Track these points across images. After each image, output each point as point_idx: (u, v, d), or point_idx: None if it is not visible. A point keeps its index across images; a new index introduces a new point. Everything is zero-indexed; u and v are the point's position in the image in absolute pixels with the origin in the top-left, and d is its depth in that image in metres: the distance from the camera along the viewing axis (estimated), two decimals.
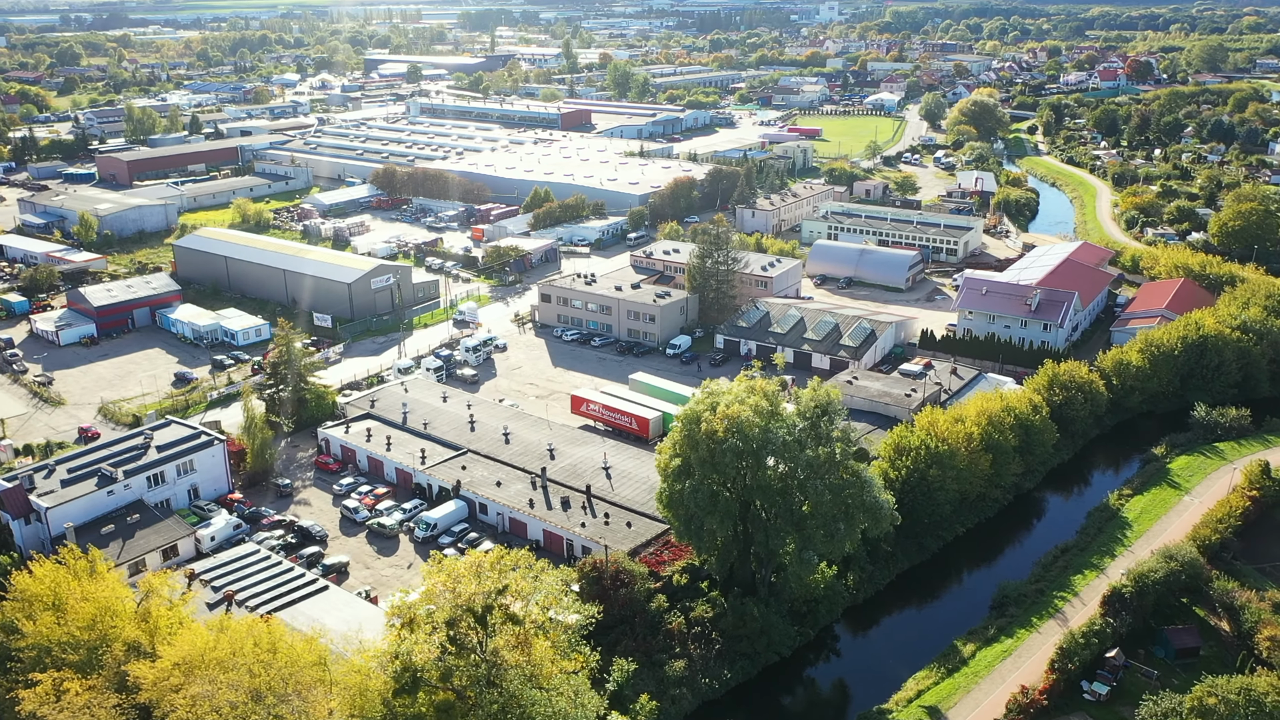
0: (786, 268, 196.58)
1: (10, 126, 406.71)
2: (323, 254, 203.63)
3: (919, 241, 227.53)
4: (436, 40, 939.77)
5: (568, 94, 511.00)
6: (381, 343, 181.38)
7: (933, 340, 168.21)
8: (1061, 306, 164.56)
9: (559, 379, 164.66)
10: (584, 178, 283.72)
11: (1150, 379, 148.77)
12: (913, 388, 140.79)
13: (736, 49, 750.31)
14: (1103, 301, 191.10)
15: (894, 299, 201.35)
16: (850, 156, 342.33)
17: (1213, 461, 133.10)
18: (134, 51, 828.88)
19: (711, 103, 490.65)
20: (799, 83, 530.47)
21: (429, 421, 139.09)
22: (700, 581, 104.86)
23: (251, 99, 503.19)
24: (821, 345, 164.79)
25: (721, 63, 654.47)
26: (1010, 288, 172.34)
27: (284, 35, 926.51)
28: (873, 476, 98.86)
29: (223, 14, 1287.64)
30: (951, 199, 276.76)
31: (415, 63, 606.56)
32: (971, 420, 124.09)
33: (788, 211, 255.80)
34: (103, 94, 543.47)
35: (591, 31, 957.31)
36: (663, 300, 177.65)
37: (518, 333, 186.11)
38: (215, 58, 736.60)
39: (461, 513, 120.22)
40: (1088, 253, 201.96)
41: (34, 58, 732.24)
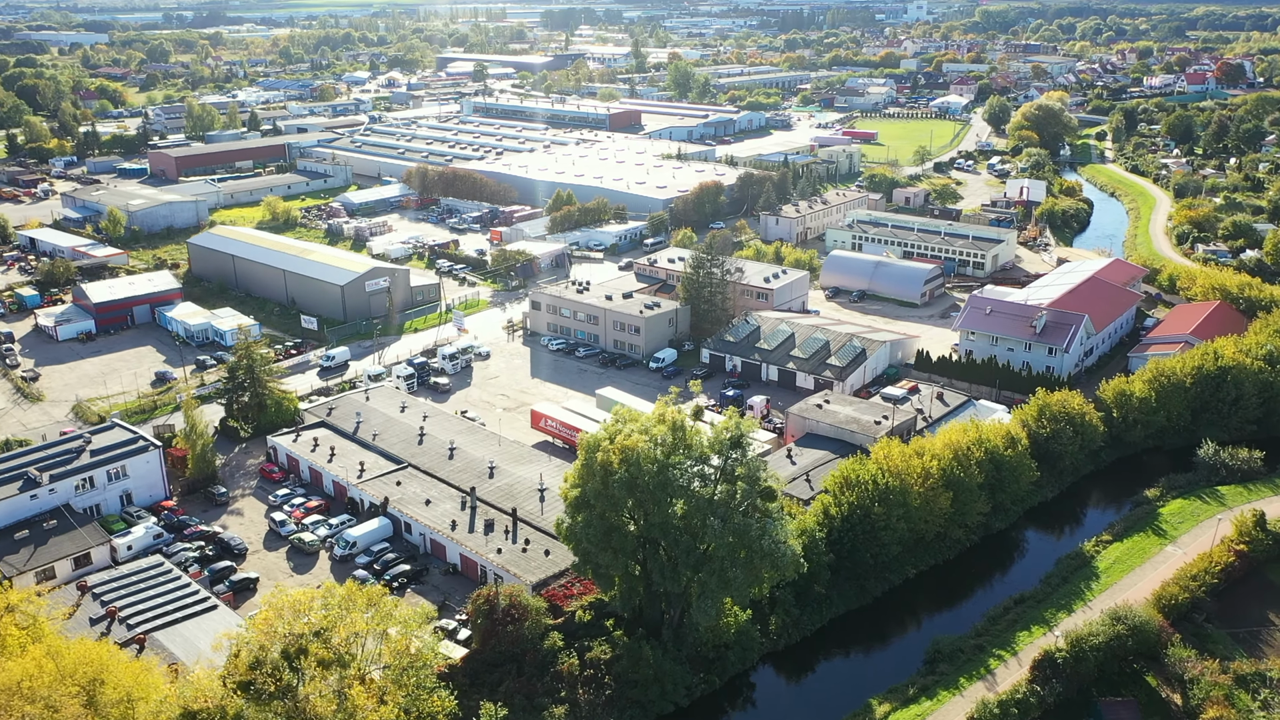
0: (790, 279, 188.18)
1: (80, 122, 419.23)
2: (324, 254, 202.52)
3: (944, 254, 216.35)
4: (515, 39, 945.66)
5: (628, 94, 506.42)
6: (368, 346, 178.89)
7: (928, 361, 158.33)
8: (1069, 330, 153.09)
9: (533, 390, 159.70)
10: (613, 180, 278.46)
11: (1155, 412, 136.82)
12: (885, 414, 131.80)
13: (812, 49, 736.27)
14: (1129, 324, 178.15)
15: (907, 314, 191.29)
16: (899, 162, 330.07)
17: (1210, 507, 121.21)
18: (224, 49, 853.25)
19: (772, 104, 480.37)
20: (865, 84, 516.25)
21: (379, 433, 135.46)
22: (606, 619, 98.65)
23: (316, 96, 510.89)
24: (807, 364, 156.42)
25: (792, 63, 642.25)
26: (1015, 308, 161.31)
27: (368, 34, 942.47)
28: (780, 518, 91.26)
29: (316, 11, 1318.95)
30: (994, 209, 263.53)
31: (482, 61, 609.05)
32: (933, 453, 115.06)
33: (814, 219, 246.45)
34: (180, 90, 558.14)
35: (669, 31, 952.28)
36: (650, 311, 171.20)
37: (506, 340, 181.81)
38: (296, 55, 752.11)
39: (385, 531, 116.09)
40: (1117, 270, 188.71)
41: (126, 54, 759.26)
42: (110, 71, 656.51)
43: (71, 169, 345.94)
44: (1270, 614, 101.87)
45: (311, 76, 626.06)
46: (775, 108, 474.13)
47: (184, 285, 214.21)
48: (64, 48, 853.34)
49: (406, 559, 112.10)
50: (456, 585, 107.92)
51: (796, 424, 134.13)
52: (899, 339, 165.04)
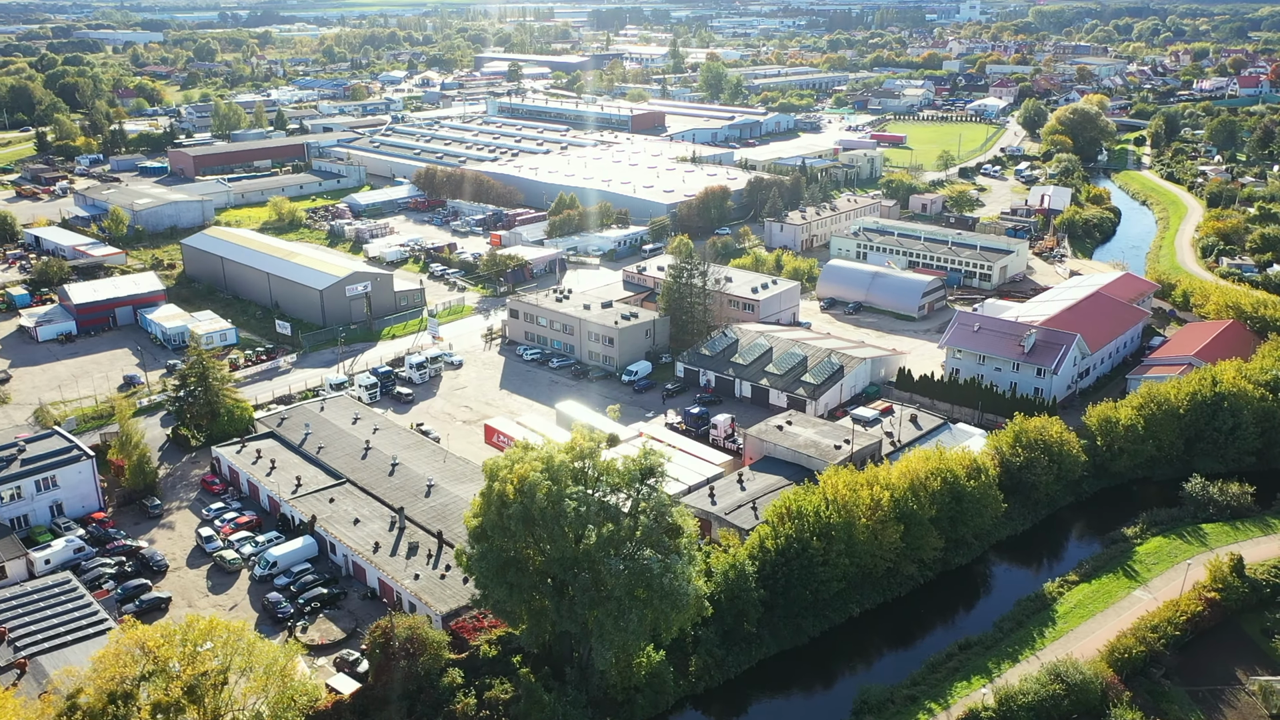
0: (778, 290, 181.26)
1: (112, 120, 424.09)
2: (307, 258, 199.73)
3: (950, 264, 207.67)
4: (559, 38, 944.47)
5: (659, 95, 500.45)
6: (342, 353, 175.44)
7: (909, 380, 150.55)
8: (1058, 350, 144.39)
9: (499, 403, 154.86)
10: (621, 184, 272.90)
11: (1144, 441, 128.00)
12: (846, 438, 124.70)
13: (855, 49, 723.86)
14: (1134, 342, 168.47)
15: (903, 328, 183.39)
16: (923, 167, 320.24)
17: (1190, 547, 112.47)
18: (271, 48, 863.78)
19: (805, 106, 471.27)
20: (902, 86, 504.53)
21: (325, 446, 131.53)
22: (514, 655, 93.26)
23: (348, 95, 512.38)
24: (781, 381, 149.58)
25: (833, 64, 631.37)
26: (1004, 325, 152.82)
27: (414, 33, 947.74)
28: (686, 555, 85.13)
29: (369, 10, 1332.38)
30: (1012, 217, 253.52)
31: (516, 61, 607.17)
32: (886, 482, 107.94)
33: (821, 226, 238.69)
34: (219, 89, 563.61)
35: (713, 31, 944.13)
36: (625, 322, 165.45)
37: (483, 349, 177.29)
38: (339, 54, 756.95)
39: (309, 551, 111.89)
40: (1126, 285, 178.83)
41: (174, 53, 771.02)
42: (156, 70, 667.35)
43: (96, 167, 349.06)
44: (1238, 670, 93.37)
45: (350, 75, 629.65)
46: (807, 110, 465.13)
47: (177, 286, 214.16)
48: (118, 46, 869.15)
49: (327, 581, 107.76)
50: (373, 611, 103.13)
51: (754, 446, 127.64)
52: (882, 355, 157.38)
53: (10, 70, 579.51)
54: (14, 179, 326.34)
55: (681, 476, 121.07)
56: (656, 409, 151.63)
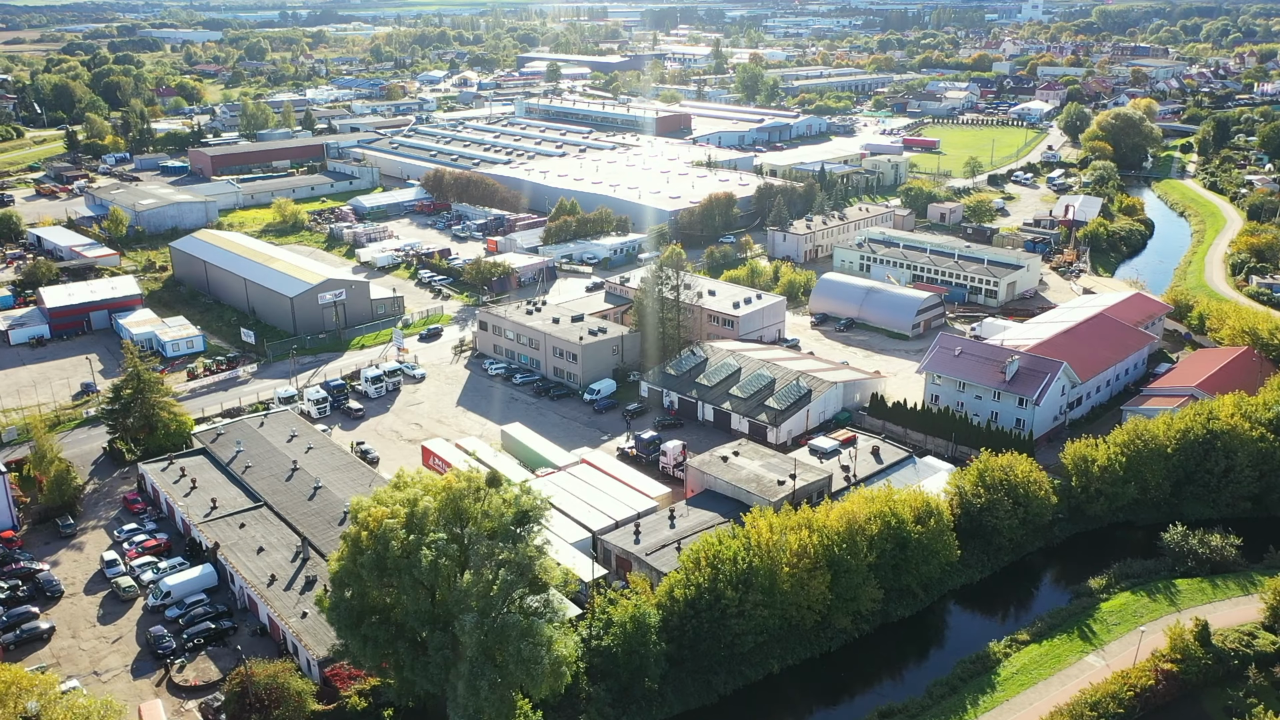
0: (761, 306, 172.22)
1: (147, 119, 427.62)
2: (285, 263, 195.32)
3: (955, 279, 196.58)
4: (609, 38, 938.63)
5: (694, 96, 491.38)
6: (308, 363, 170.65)
7: (883, 407, 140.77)
8: (1041, 379, 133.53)
9: (452, 421, 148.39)
10: (628, 189, 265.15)
11: (1124, 482, 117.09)
12: (794, 472, 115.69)
13: (905, 50, 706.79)
14: (1139, 369, 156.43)
15: (894, 347, 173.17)
16: (952, 174, 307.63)
17: (1158, 606, 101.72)
18: (324, 47, 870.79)
19: (842, 108, 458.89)
20: (944, 88, 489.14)
21: (253, 465, 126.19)
22: (386, 709, 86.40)
23: (383, 95, 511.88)
24: (744, 405, 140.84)
25: (879, 65, 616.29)
26: (986, 350, 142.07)
27: (464, 32, 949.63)
28: (553, 615, 77.45)
29: (428, 10, 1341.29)
30: (1034, 228, 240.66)
31: (555, 61, 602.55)
32: (819, 525, 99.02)
33: (827, 236, 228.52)
34: (261, 88, 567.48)
35: (762, 31, 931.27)
36: (591, 337, 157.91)
37: (450, 361, 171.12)
38: (387, 54, 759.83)
39: (208, 580, 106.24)
40: (1134, 306, 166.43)
41: (226, 51, 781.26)
42: (205, 69, 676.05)
43: (121, 166, 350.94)
44: None
45: (391, 75, 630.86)
46: (844, 112, 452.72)
47: (163, 290, 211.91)
48: (176, 45, 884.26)
49: (218, 615, 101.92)
50: (261, 650, 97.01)
51: (695, 478, 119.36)
52: (858, 379, 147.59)
53: (62, 69, 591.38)
54: (38, 177, 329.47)
55: (611, 510, 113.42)
56: (616, 431, 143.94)
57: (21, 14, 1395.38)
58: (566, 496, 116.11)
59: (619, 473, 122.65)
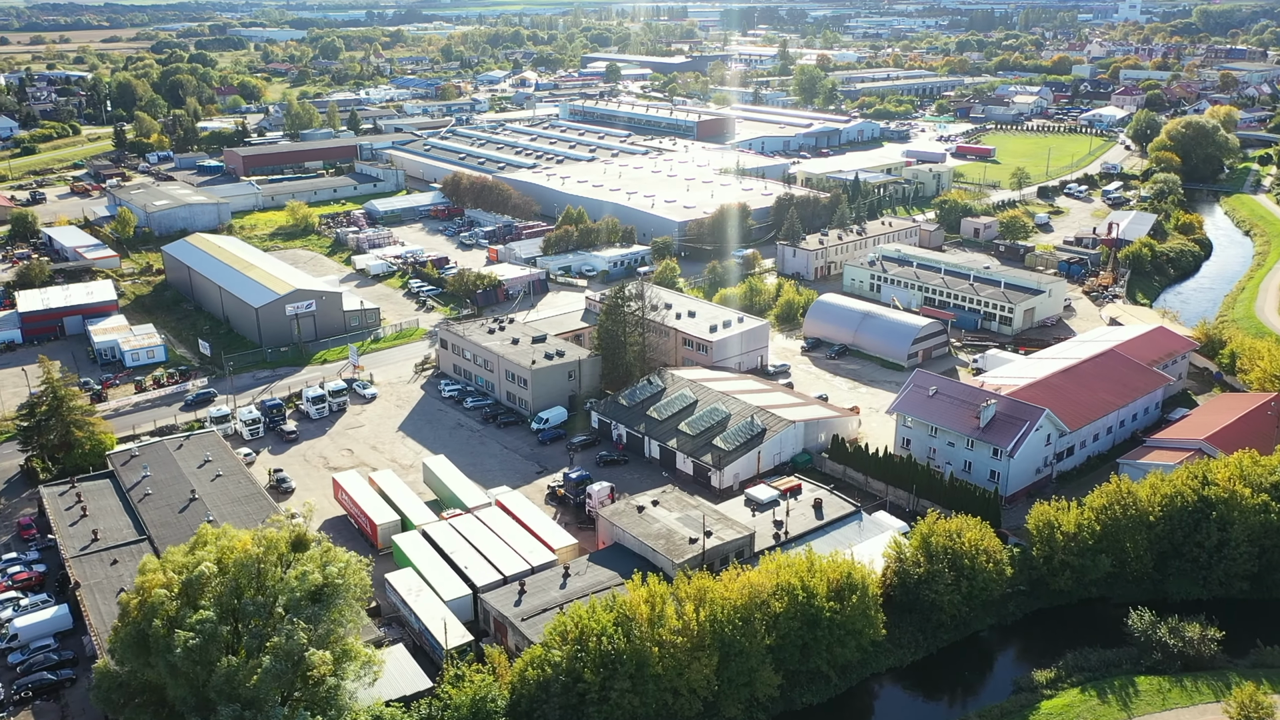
0: (740, 330, 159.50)
1: (200, 116, 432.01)
2: (260, 271, 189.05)
3: (969, 303, 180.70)
4: (685, 38, 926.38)
5: (750, 99, 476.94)
6: (266, 377, 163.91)
7: (842, 450, 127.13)
8: (1019, 428, 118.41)
9: (386, 449, 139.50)
10: (644, 197, 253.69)
11: (1095, 554, 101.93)
12: (709, 529, 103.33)
13: (984, 52, 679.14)
14: (1152, 413, 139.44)
15: (885, 378, 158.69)
16: (1000, 184, 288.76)
17: (1108, 710, 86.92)
18: (401, 46, 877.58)
19: (902, 113, 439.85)
20: (1014, 92, 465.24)
21: (153, 493, 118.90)
22: None
23: (438, 96, 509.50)
24: (691, 443, 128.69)
25: (952, 67, 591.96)
26: (963, 391, 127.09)
27: (539, 32, 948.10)
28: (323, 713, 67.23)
29: (511, 10, 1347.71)
30: (1073, 247, 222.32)
31: (615, 61, 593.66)
32: (714, 598, 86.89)
33: (841, 252, 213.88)
34: (323, 87, 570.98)
35: (838, 32, 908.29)
36: (546, 361, 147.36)
37: (408, 380, 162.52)
38: (457, 53, 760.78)
39: (61, 623, 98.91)
40: (1153, 342, 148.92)
41: (301, 50, 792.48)
42: (277, 67, 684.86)
43: (163, 164, 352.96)
44: None
45: (455, 75, 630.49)
46: (904, 117, 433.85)
47: (153, 294, 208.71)
48: (260, 43, 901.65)
49: (61, 663, 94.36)
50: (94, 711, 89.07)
51: (605, 530, 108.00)
52: (827, 417, 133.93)
53: (137, 67, 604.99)
54: (77, 175, 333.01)
55: (504, 563, 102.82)
56: (557, 465, 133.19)
57: (128, 13, 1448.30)
58: (461, 545, 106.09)
59: (530, 518, 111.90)
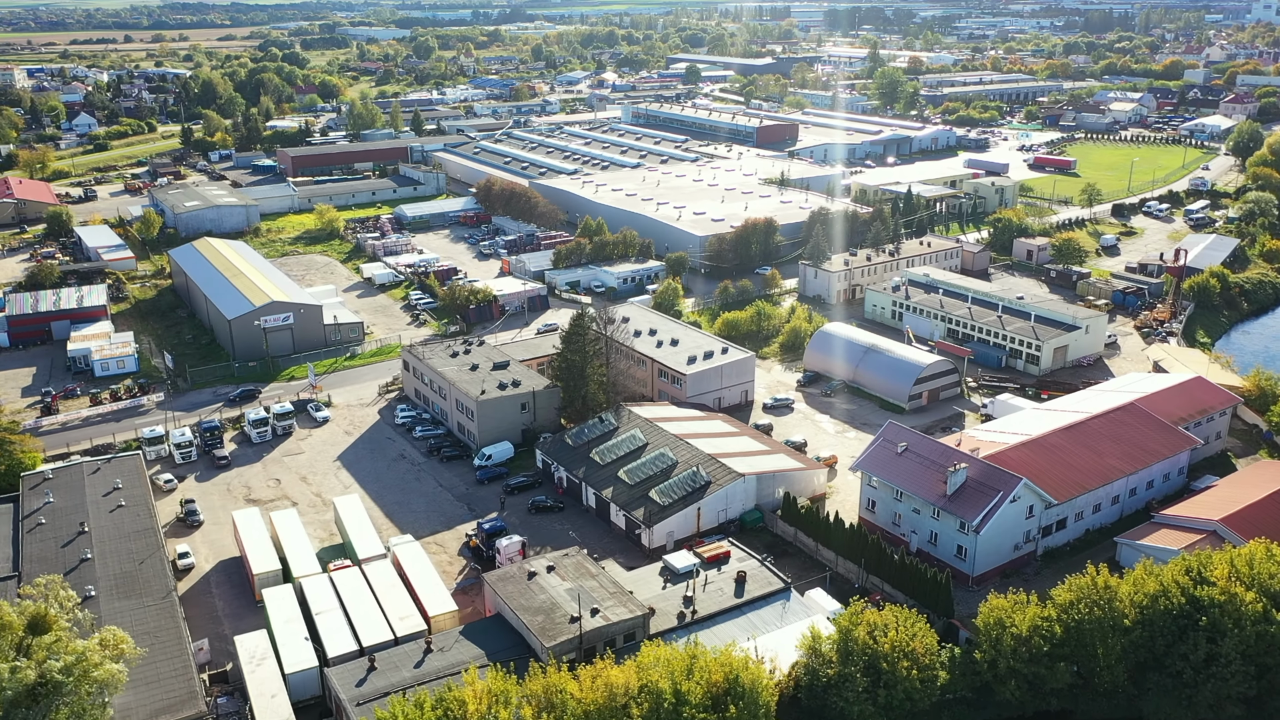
0: (720, 363, 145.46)
1: (270, 116, 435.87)
2: (248, 281, 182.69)
3: (994, 337, 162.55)
4: (783, 38, 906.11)
5: (828, 104, 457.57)
6: (225, 393, 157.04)
7: (794, 511, 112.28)
8: (988, 499, 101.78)
9: (317, 481, 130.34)
10: (673, 208, 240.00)
11: (1052, 661, 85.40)
12: (600, 605, 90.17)
13: (1092, 55, 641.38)
14: (1175, 480, 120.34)
15: (882, 421, 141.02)
16: (1072, 201, 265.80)
17: None
18: (497, 45, 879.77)
19: (988, 119, 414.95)
20: (1112, 99, 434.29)
21: (45, 523, 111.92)
22: None
23: (511, 96, 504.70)
24: (627, 493, 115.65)
25: (1053, 71, 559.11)
26: (934, 451, 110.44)
27: (633, 32, 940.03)
28: None
29: (616, 9, 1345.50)
30: (1132, 275, 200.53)
31: (696, 62, 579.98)
32: (570, 696, 74.35)
33: (869, 274, 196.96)
34: (404, 86, 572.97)
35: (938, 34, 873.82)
36: (499, 392, 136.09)
37: (369, 403, 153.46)
38: (548, 53, 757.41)
39: None
40: (1188, 395, 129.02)
41: (396, 49, 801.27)
42: (368, 66, 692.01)
43: (224, 163, 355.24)
44: None
45: (539, 75, 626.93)
46: (988, 124, 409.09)
47: (155, 299, 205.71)
48: (361, 42, 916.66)
49: None
50: None
51: (489, 597, 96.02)
52: (789, 470, 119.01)
53: (231, 65, 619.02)
54: (136, 173, 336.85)
55: (370, 631, 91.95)
56: (488, 510, 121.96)
57: (250, 12, 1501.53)
58: (332, 605, 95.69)
59: (420, 576, 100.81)
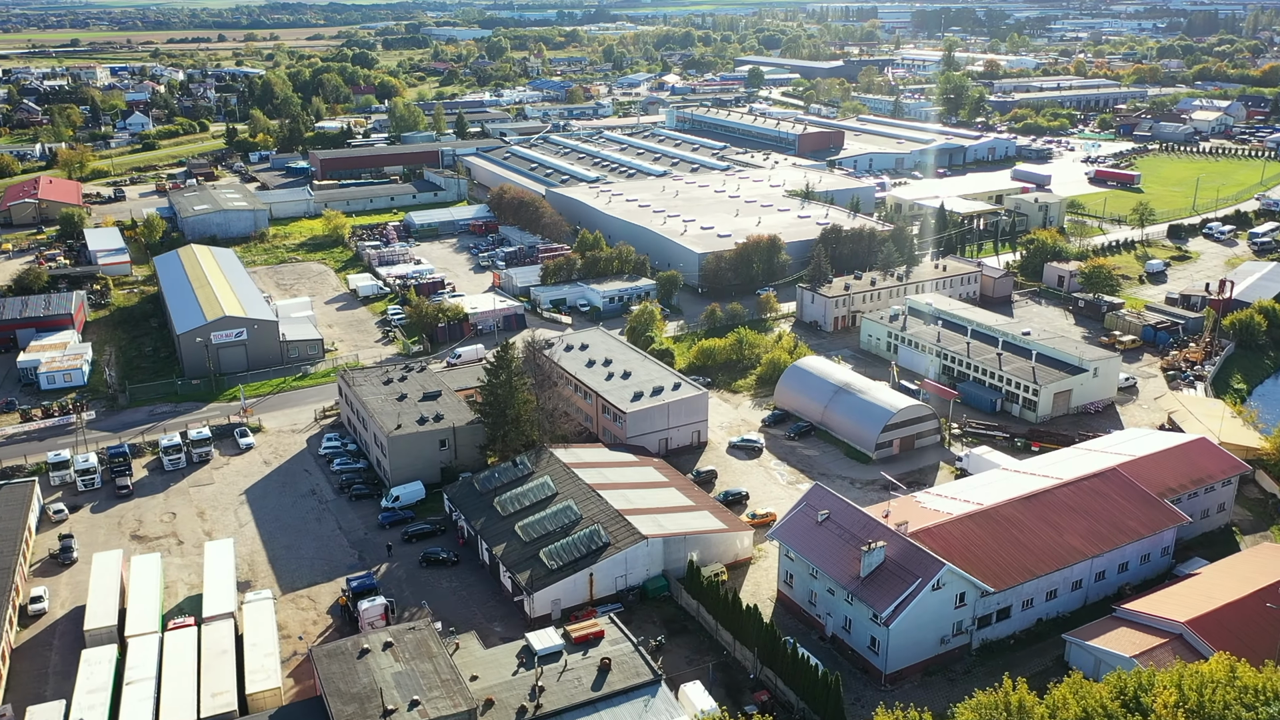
0: (667, 400, 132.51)
1: (320, 116, 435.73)
2: (210, 293, 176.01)
3: (991, 377, 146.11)
4: (865, 40, 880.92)
5: (889, 110, 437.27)
6: (164, 413, 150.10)
7: (696, 583, 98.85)
8: (905, 586, 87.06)
9: (215, 517, 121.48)
10: (683, 221, 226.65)
11: None
12: (425, 695, 78.63)
13: (1186, 59, 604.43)
14: (1156, 562, 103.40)
15: (845, 472, 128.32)
16: (1125, 220, 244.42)
17: None
18: (573, 46, 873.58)
19: (1058, 128, 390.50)
20: (1195, 107, 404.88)
21: None
22: None
23: (566, 99, 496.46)
24: (517, 553, 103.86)
25: (1141, 76, 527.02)
26: (857, 523, 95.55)
27: (711, 33, 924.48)
28: None
29: (701, 9, 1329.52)
30: (1174, 306, 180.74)
31: (759, 65, 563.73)
32: None
33: (871, 300, 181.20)
34: (466, 87, 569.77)
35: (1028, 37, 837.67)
36: (409, 426, 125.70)
37: (304, 428, 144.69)
38: (619, 54, 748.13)
39: None
40: (1185, 460, 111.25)
41: (468, 48, 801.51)
42: (434, 67, 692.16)
43: (262, 164, 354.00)
44: None
45: (601, 77, 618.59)
46: (1058, 133, 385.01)
47: (138, 306, 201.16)
48: (440, 43, 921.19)
49: None
50: None
51: (317, 674, 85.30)
52: (704, 533, 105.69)
53: (296, 65, 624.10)
54: (175, 174, 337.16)
55: (172, 712, 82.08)
56: (379, 560, 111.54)
57: (345, 11, 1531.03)
58: (147, 674, 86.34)
59: (257, 641, 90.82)
